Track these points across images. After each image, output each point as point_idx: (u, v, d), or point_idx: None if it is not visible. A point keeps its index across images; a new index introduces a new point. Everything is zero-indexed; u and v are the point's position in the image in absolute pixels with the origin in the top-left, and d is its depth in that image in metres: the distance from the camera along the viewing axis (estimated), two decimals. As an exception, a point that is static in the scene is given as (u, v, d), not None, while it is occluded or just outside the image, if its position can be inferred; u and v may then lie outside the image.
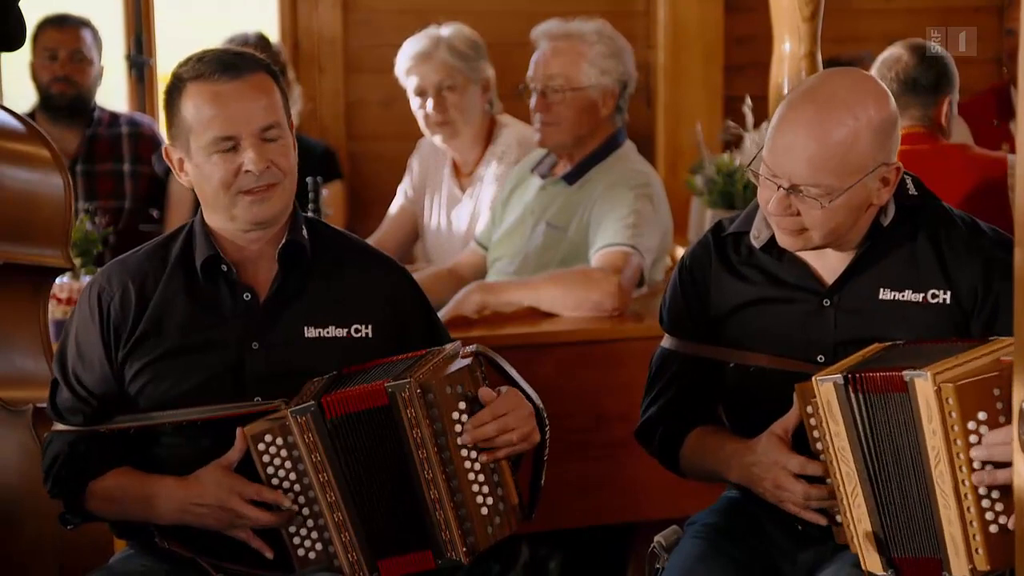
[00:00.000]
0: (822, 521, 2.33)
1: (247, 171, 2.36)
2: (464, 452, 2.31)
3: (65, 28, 4.53)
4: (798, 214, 2.32)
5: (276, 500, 2.33)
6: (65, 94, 4.52)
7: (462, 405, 2.31)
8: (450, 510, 2.30)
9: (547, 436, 2.40)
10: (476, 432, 2.30)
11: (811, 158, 2.28)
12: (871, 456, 2.22)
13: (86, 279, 3.61)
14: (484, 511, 2.32)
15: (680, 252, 3.94)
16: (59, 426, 2.49)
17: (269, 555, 2.36)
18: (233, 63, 2.39)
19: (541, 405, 2.40)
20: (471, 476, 2.31)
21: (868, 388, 2.20)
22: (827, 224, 2.32)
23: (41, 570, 2.81)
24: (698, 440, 2.50)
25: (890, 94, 2.35)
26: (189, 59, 2.42)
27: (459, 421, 2.30)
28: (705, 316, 2.50)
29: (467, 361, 2.35)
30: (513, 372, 2.40)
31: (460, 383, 2.31)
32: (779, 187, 2.31)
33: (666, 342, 2.56)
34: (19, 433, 2.81)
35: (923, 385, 2.14)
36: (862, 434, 2.22)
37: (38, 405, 2.79)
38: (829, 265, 2.42)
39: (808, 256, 2.43)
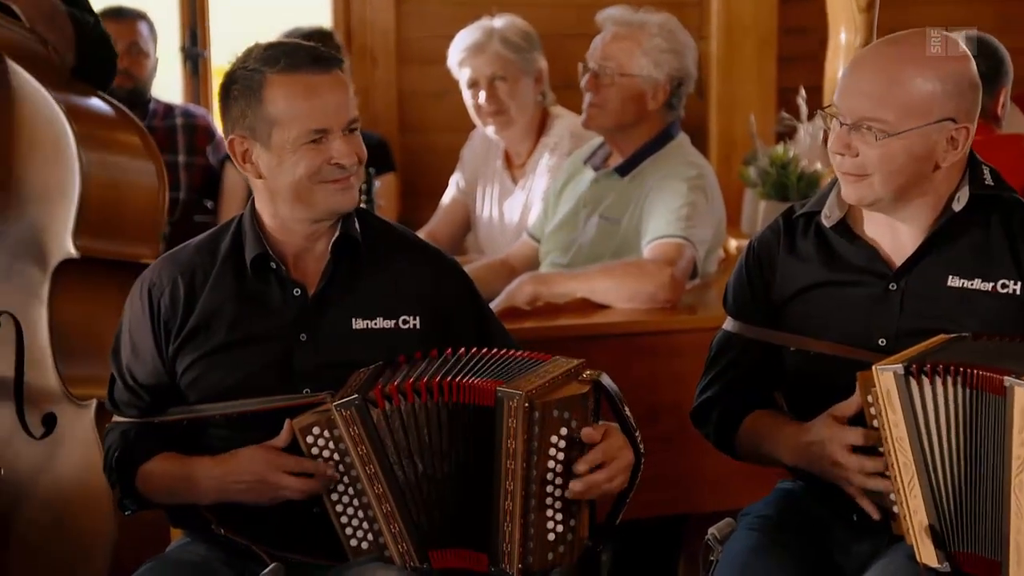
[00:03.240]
0: (876, 515, 2.31)
1: (337, 163, 2.38)
2: (551, 476, 2.28)
3: (122, 21, 4.57)
4: (857, 155, 2.31)
5: (315, 470, 2.33)
6: (122, 86, 4.54)
7: (564, 431, 2.27)
8: (519, 526, 2.28)
9: (637, 480, 2.38)
10: (572, 485, 2.27)
11: (873, 91, 2.29)
12: (930, 447, 2.20)
13: (141, 270, 3.64)
14: (551, 537, 2.30)
15: (733, 244, 3.93)
16: (117, 419, 2.53)
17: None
18: (321, 57, 2.41)
19: (643, 451, 2.37)
20: (549, 501, 2.29)
21: (961, 382, 2.16)
22: (885, 166, 2.30)
23: (99, 559, 2.85)
24: (754, 423, 2.50)
25: (973, 60, 2.34)
26: (264, 51, 2.41)
27: (556, 446, 2.27)
28: (768, 300, 2.49)
29: (584, 388, 2.30)
30: (626, 411, 2.37)
31: (569, 409, 2.27)
32: (841, 124, 2.31)
33: (728, 324, 2.55)
34: (82, 426, 2.84)
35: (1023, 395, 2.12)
36: (921, 425, 2.20)
37: (103, 400, 2.82)
38: (899, 248, 2.40)
39: (878, 237, 2.41)
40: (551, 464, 2.27)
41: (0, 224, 2.90)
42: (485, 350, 2.38)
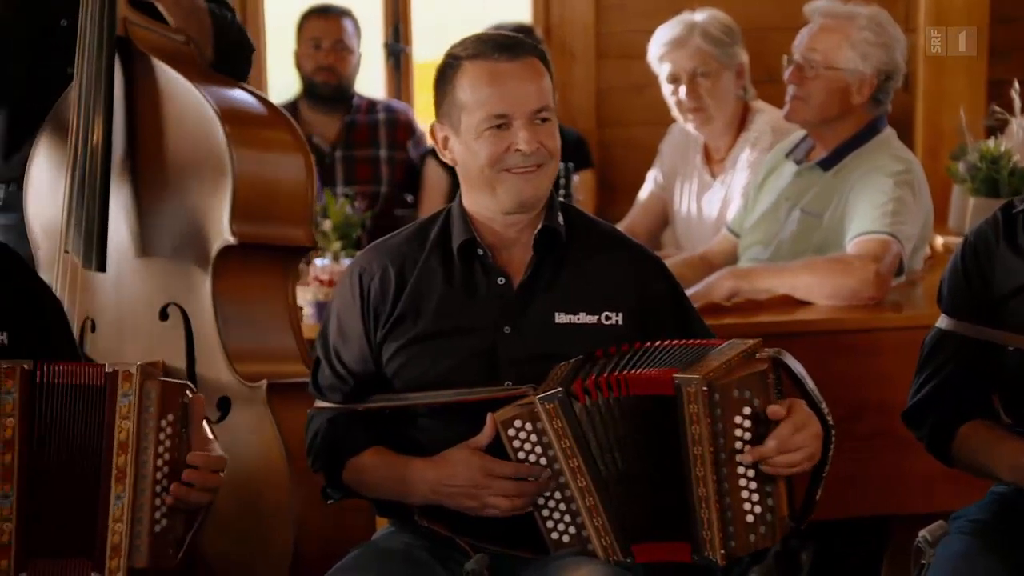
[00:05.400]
0: None
1: (517, 150, 2.40)
2: (740, 457, 2.26)
3: (328, 18, 4.68)
4: None
5: (530, 472, 2.34)
6: (328, 83, 4.67)
7: (747, 411, 2.26)
8: (716, 511, 2.27)
9: (831, 452, 2.34)
10: (757, 451, 2.25)
11: None
12: None
13: (346, 262, 3.72)
14: (750, 519, 2.28)
15: (940, 241, 3.83)
16: (320, 403, 2.57)
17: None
18: (511, 44, 2.43)
19: (832, 423, 2.34)
20: (743, 483, 2.27)
21: None
22: None
23: (283, 536, 2.91)
24: (971, 434, 2.43)
25: None
26: (465, 40, 2.46)
27: (741, 427, 2.26)
28: (986, 296, 2.43)
29: (762, 366, 2.29)
30: (809, 383, 2.33)
31: (749, 388, 2.26)
32: None
33: (942, 322, 2.49)
34: (255, 408, 2.92)
35: None
36: None
37: (273, 381, 2.89)
38: None
39: None
40: (739, 445, 2.26)
41: (160, 218, 3.00)
42: (663, 342, 2.36)
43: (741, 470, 2.26)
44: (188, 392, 2.32)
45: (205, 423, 2.35)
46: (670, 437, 2.28)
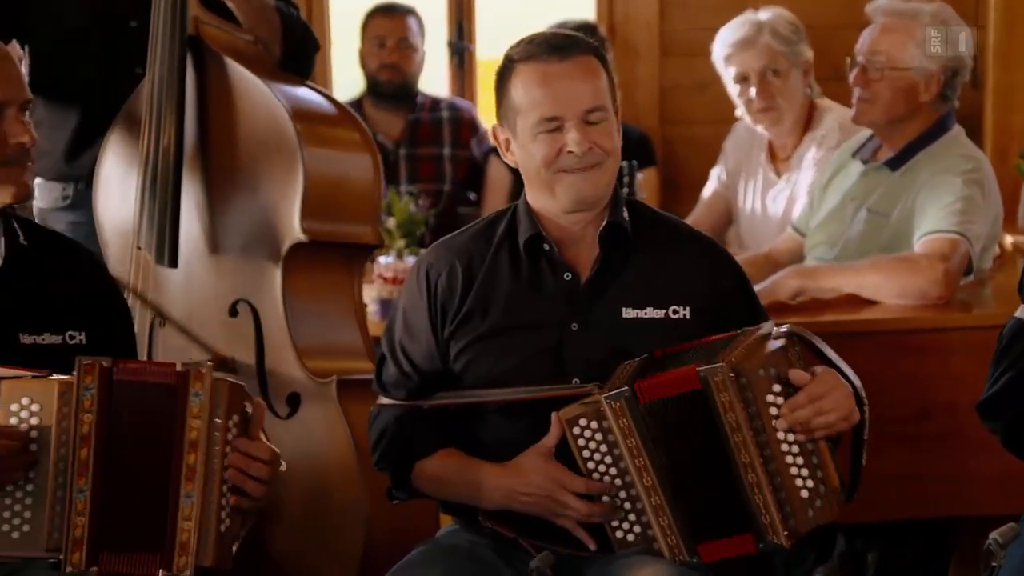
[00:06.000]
0: None
1: (570, 152, 2.40)
2: (781, 435, 2.29)
3: (393, 16, 4.70)
4: None
5: (601, 491, 2.35)
6: (392, 81, 4.69)
7: (776, 388, 2.28)
8: (769, 493, 2.28)
9: (866, 415, 2.35)
10: (792, 416, 2.27)
11: None
12: None
13: (410, 259, 3.74)
14: (804, 494, 2.29)
15: (1009, 240, 3.79)
16: (384, 400, 2.57)
17: (592, 547, 2.38)
18: (562, 45, 2.43)
19: (859, 384, 2.34)
20: (789, 459, 2.29)
21: None
22: None
23: (354, 532, 2.92)
24: None
25: None
26: (520, 41, 2.46)
27: (774, 404, 2.28)
28: None
29: (780, 342, 2.32)
30: (829, 351, 2.36)
31: (773, 365, 2.29)
32: None
33: (1021, 311, 2.46)
34: (325, 404, 2.93)
35: None
36: None
37: (343, 377, 2.90)
38: None
39: None
40: (776, 423, 2.28)
41: (231, 215, 3.02)
42: (719, 336, 2.36)
43: (785, 447, 2.28)
44: (249, 397, 2.34)
45: (262, 433, 2.36)
46: (715, 431, 2.29)
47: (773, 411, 2.28)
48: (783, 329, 2.35)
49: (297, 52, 3.17)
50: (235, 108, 3.02)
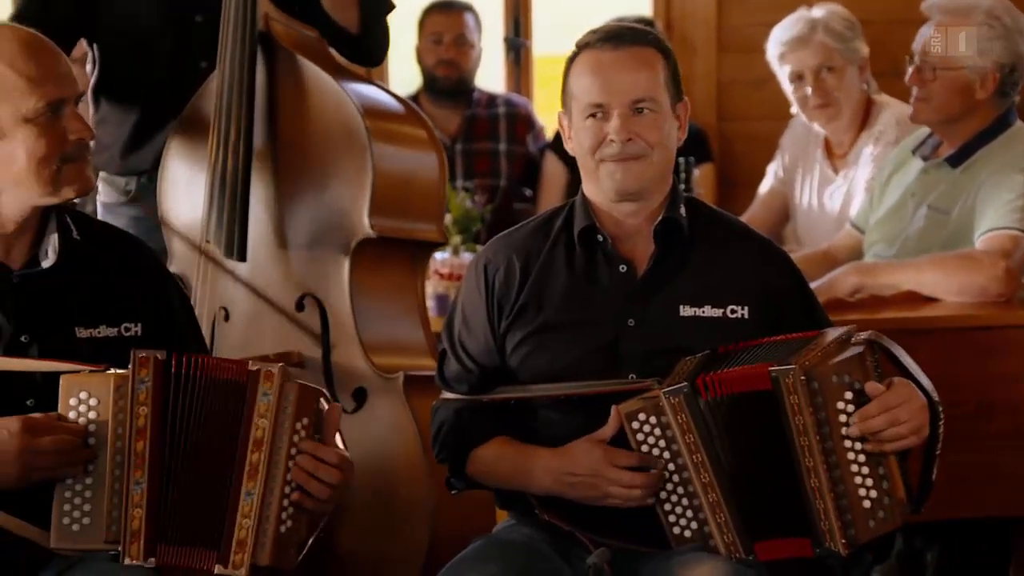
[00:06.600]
0: None
1: (612, 140, 2.41)
2: (848, 443, 2.26)
3: (450, 13, 4.71)
4: None
5: (649, 463, 2.34)
6: (449, 77, 4.70)
7: (848, 395, 2.26)
8: (830, 500, 2.26)
9: (940, 430, 2.32)
10: (863, 425, 2.25)
11: None
12: None
13: (466, 255, 3.75)
14: (867, 504, 2.27)
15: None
16: (446, 395, 2.59)
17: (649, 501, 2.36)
18: (619, 34, 2.45)
19: (936, 398, 2.32)
20: (854, 468, 2.26)
21: None
22: None
23: (420, 527, 2.93)
24: None
25: None
26: (589, 30, 2.49)
27: (844, 411, 2.25)
28: None
29: (858, 349, 2.29)
30: (909, 362, 2.33)
31: (848, 372, 2.26)
32: None
33: None
34: (392, 399, 2.94)
35: None
36: None
37: (409, 373, 2.91)
38: None
39: None
40: (844, 431, 2.25)
41: (300, 210, 3.04)
42: (783, 337, 2.35)
43: (851, 456, 2.26)
44: (324, 400, 2.34)
45: (338, 435, 2.36)
46: (780, 432, 2.28)
47: (843, 418, 2.25)
48: (863, 336, 2.32)
49: (371, 38, 3.20)
50: (305, 104, 3.04)
